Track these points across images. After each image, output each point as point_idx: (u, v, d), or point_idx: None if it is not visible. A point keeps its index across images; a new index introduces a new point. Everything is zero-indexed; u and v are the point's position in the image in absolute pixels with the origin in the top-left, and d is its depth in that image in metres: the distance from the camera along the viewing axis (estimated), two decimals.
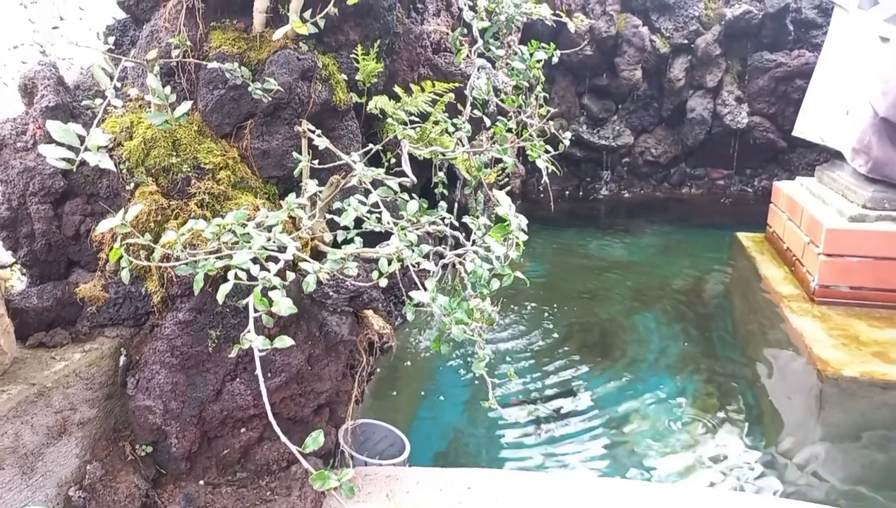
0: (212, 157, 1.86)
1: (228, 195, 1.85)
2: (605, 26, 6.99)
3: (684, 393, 3.41)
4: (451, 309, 1.60)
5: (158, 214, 1.75)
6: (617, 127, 7.68)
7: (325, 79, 2.07)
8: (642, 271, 5.39)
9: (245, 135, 1.97)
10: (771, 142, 7.15)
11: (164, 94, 1.53)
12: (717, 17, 6.94)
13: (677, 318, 4.47)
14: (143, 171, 1.78)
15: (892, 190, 3.97)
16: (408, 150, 2.06)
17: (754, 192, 7.51)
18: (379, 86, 2.50)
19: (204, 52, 1.95)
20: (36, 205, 1.75)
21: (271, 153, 2.01)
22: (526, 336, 4.13)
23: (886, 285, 3.87)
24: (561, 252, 6.01)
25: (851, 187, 4.23)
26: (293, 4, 1.95)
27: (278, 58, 1.93)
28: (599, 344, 4.08)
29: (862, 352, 3.31)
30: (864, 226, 3.92)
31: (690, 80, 7.21)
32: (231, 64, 1.74)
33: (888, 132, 3.89)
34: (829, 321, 3.73)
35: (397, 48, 2.64)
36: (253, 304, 1.30)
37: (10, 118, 1.78)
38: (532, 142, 2.20)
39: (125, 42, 2.25)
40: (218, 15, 2.02)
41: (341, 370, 2.08)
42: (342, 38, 2.21)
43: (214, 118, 1.93)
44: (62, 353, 1.67)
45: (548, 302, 4.67)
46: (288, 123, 2.00)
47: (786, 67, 6.77)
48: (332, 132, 2.19)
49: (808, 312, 3.87)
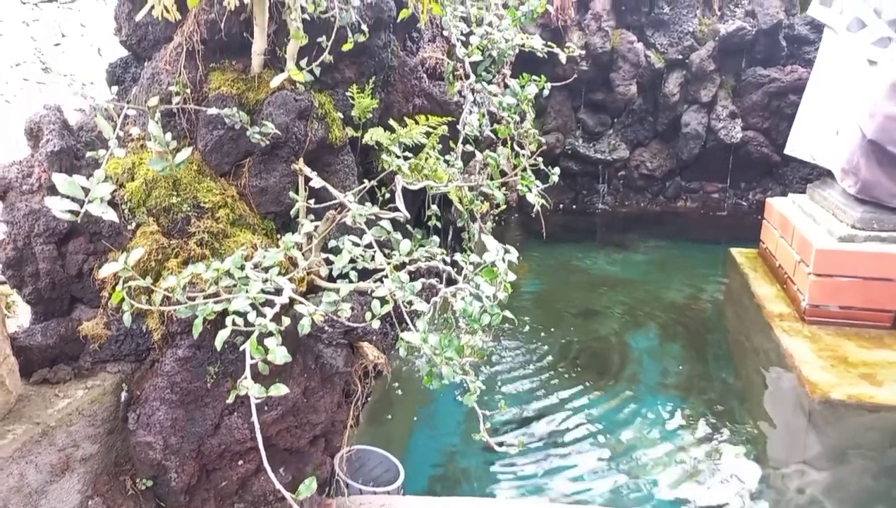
0: (211, 196, 1.92)
1: (227, 232, 1.91)
2: (600, 42, 7.07)
3: (679, 413, 3.46)
4: (441, 348, 1.65)
5: (159, 253, 1.81)
6: (613, 140, 7.75)
7: (321, 117, 2.13)
8: (638, 287, 5.44)
9: (243, 173, 2.03)
10: (765, 156, 7.22)
11: (164, 141, 1.59)
12: (711, 33, 7.03)
13: (672, 337, 4.52)
14: (144, 211, 1.84)
15: (880, 210, 4.04)
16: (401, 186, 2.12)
17: (748, 206, 7.57)
18: (374, 118, 2.56)
19: (203, 93, 2.01)
20: (41, 245, 1.80)
21: (269, 190, 2.06)
22: (522, 354, 4.18)
23: (875, 305, 3.93)
24: (558, 267, 6.06)
25: (841, 207, 4.29)
26: (290, 48, 2.01)
27: (276, 99, 1.99)
28: (595, 363, 4.13)
29: (850, 374, 3.37)
30: (854, 246, 3.98)
31: (685, 95, 7.29)
32: (230, 109, 1.80)
33: (876, 154, 3.96)
34: (819, 341, 3.79)
35: (392, 80, 2.70)
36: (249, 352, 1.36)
37: (16, 161, 1.83)
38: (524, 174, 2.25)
39: (127, 78, 2.30)
40: (217, 56, 2.07)
41: (336, 401, 2.13)
42: (338, 75, 2.27)
43: (214, 157, 1.99)
44: (65, 390, 1.72)
45: (544, 319, 4.72)
46: (285, 161, 2.06)
47: (779, 83, 6.85)
48: (329, 167, 2.25)
49: (798, 332, 3.93)
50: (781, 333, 3.94)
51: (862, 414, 3.12)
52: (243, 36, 2.03)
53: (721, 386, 3.79)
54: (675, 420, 3.43)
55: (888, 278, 3.89)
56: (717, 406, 3.53)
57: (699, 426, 3.34)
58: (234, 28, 2.02)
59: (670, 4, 7.00)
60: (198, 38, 2.02)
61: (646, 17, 7.12)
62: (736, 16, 7.00)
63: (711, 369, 4.06)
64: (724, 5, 7.10)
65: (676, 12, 7.07)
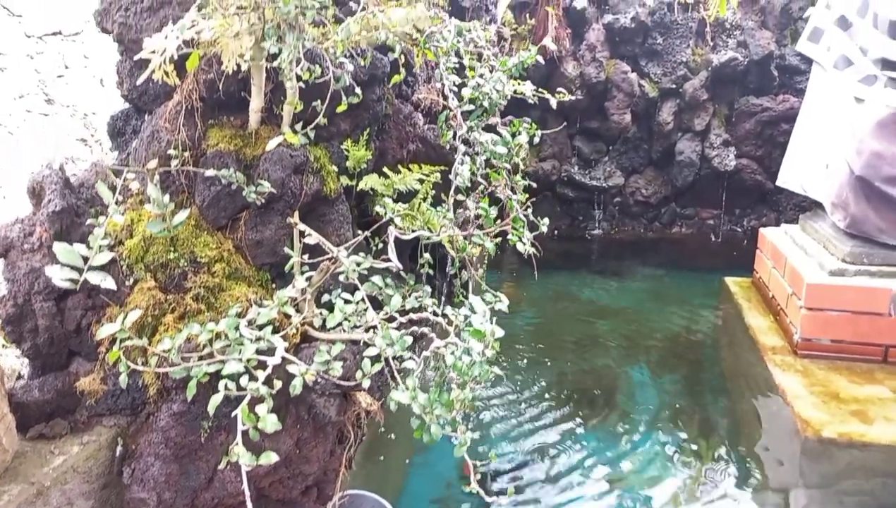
0: (207, 251, 1.97)
1: (223, 286, 1.95)
2: (594, 72, 7.17)
3: (674, 449, 3.49)
4: (431, 405, 1.69)
5: (156, 308, 1.85)
6: (608, 168, 7.83)
7: (316, 171, 2.18)
8: (633, 318, 5.47)
9: (240, 226, 2.08)
10: (758, 183, 7.29)
11: (163, 204, 1.64)
12: (704, 63, 7.14)
13: (668, 369, 4.55)
14: (142, 268, 1.89)
15: (869, 245, 4.09)
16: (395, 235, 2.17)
17: (743, 232, 7.63)
18: (369, 165, 2.62)
19: (202, 150, 2.07)
20: (40, 302, 1.85)
21: (264, 242, 2.11)
22: (517, 388, 4.20)
23: (865, 339, 3.96)
24: (554, 296, 6.10)
25: (832, 240, 4.34)
26: (286, 107, 2.08)
27: (272, 155, 2.05)
28: (590, 396, 4.15)
29: (841, 411, 3.39)
30: (844, 280, 4.02)
31: (679, 124, 7.38)
32: (227, 170, 1.86)
33: (864, 190, 4.02)
34: (811, 376, 3.82)
35: (387, 128, 2.76)
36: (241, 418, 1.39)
37: (18, 219, 1.88)
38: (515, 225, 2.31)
39: (128, 131, 2.37)
40: (216, 112, 2.14)
41: (329, 449, 2.16)
42: (333, 129, 2.33)
43: (211, 212, 2.04)
44: (61, 446, 1.75)
45: (539, 351, 4.75)
46: (281, 214, 2.11)
47: (771, 112, 6.95)
48: (324, 217, 2.30)
49: (790, 366, 3.96)
50: (774, 367, 3.97)
51: (853, 453, 3.14)
52: (241, 94, 2.09)
53: (717, 421, 3.82)
54: (671, 454, 3.46)
55: (878, 312, 3.93)
56: (712, 441, 3.56)
57: (694, 462, 3.37)
58: (233, 87, 2.08)
59: (663, 35, 7.11)
60: (197, 95, 2.08)
61: (639, 47, 7.23)
62: (728, 46, 7.11)
63: (708, 403, 4.08)
64: (717, 36, 7.22)
65: (669, 43, 7.17)
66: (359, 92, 1.97)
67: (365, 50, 2.21)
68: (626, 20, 6.97)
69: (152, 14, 2.09)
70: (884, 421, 3.30)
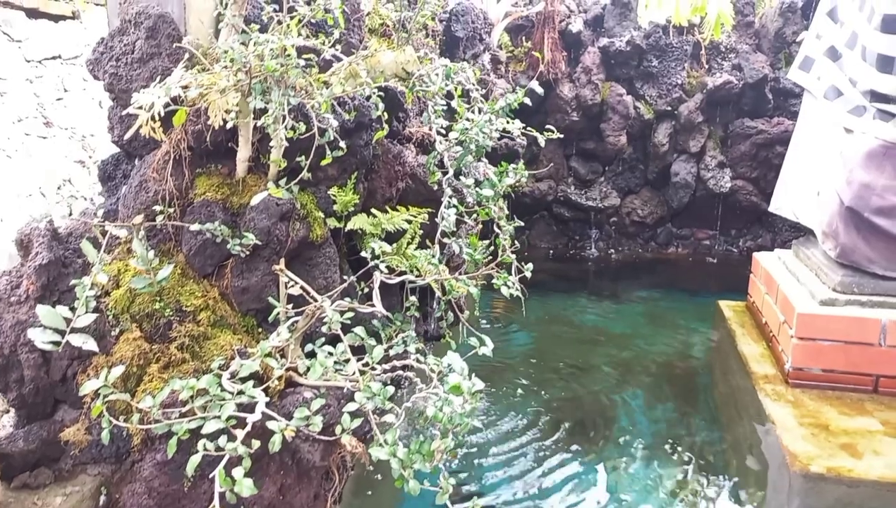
0: (193, 299, 2.00)
1: (208, 335, 1.98)
2: (590, 94, 7.23)
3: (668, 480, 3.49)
4: (409, 460, 1.71)
5: (141, 358, 1.88)
6: (604, 188, 7.88)
7: (303, 217, 2.22)
8: (629, 343, 5.47)
9: (226, 273, 2.11)
10: (754, 204, 7.33)
11: (147, 260, 1.67)
12: (700, 86, 7.19)
13: (662, 398, 4.55)
14: (128, 318, 1.92)
15: (860, 275, 4.10)
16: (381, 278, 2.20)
17: (739, 253, 7.66)
18: (357, 206, 2.66)
19: (189, 199, 2.10)
20: (26, 354, 1.88)
21: (250, 289, 2.14)
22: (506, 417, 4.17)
23: (856, 369, 3.97)
24: (549, 320, 6.09)
25: (823, 268, 4.36)
26: (273, 156, 2.11)
27: (258, 204, 2.08)
28: (583, 425, 4.14)
29: (830, 444, 3.40)
30: (834, 310, 4.03)
31: (674, 145, 7.43)
32: (212, 224, 1.89)
33: (854, 220, 4.04)
34: (802, 407, 3.82)
35: (376, 168, 2.80)
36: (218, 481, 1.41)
37: (5, 272, 1.91)
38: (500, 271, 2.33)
39: (118, 175, 2.40)
40: (204, 161, 2.17)
41: (314, 493, 2.18)
42: (321, 174, 2.36)
43: (197, 260, 2.07)
44: (44, 497, 1.77)
45: (532, 378, 4.75)
46: (267, 261, 2.14)
47: (766, 134, 6.99)
48: (310, 261, 2.33)
49: (781, 396, 3.97)
50: (765, 397, 3.97)
51: (841, 488, 3.14)
52: (228, 144, 2.13)
53: (710, 452, 3.82)
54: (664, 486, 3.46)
55: (868, 342, 3.94)
56: (705, 473, 3.56)
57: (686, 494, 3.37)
58: (220, 137, 2.12)
59: (658, 58, 7.17)
60: (185, 145, 2.11)
61: (635, 70, 7.29)
62: (723, 69, 7.17)
63: (701, 433, 4.08)
64: (712, 59, 7.28)
65: (665, 65, 7.23)
66: (343, 145, 2.00)
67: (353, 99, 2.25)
68: (622, 43, 7.04)
69: (142, 65, 2.13)
70: (872, 455, 3.30)
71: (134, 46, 2.13)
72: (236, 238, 1.93)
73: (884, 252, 4.02)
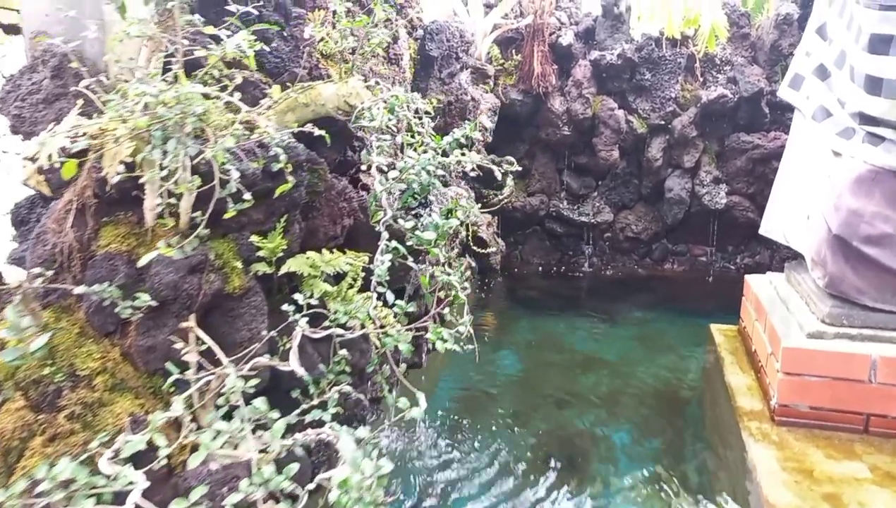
0: (90, 362, 1.85)
1: (104, 401, 1.83)
2: (581, 108, 7.05)
3: None
4: None
5: (24, 430, 1.73)
6: (597, 203, 7.68)
7: (218, 268, 2.07)
8: (619, 370, 5.27)
9: (130, 331, 1.97)
10: (751, 220, 7.09)
11: (20, 329, 1.53)
12: (694, 99, 6.98)
13: (650, 432, 4.35)
14: (11, 386, 1.78)
15: (849, 306, 3.89)
16: (304, 334, 2.04)
17: (737, 270, 7.43)
18: (295, 247, 2.50)
19: (91, 252, 1.96)
20: None
21: (157, 347, 1.99)
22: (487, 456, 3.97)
23: (845, 406, 3.75)
24: (539, 343, 5.89)
25: (813, 297, 4.15)
26: (183, 204, 1.96)
27: (163, 257, 1.93)
28: (569, 462, 3.95)
29: (813, 494, 3.19)
30: (822, 344, 3.82)
31: (668, 160, 7.22)
32: (100, 285, 1.74)
33: (842, 249, 3.83)
34: (786, 448, 3.61)
35: (318, 205, 2.65)
36: None
37: None
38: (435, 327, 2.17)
39: (32, 219, 2.27)
40: (112, 208, 2.03)
41: None
42: (244, 218, 2.21)
43: (97, 318, 1.93)
44: None
45: (517, 408, 4.56)
46: (176, 316, 1.99)
47: (762, 149, 6.78)
48: (232, 312, 2.18)
49: (766, 436, 3.75)
50: (748, 437, 3.77)
51: None
52: (133, 193, 1.98)
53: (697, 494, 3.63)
54: None
55: (858, 379, 3.72)
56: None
57: None
58: (127, 183, 1.97)
59: (651, 71, 6.98)
60: (90, 192, 1.97)
61: (627, 83, 7.10)
62: (718, 82, 6.96)
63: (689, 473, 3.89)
64: (707, 71, 7.07)
65: (658, 78, 7.04)
66: (248, 197, 1.85)
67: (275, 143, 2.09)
68: (613, 56, 6.85)
69: (48, 106, 2.00)
70: None
71: (41, 85, 2.00)
72: (129, 299, 1.78)
73: (874, 282, 3.80)
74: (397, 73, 3.67)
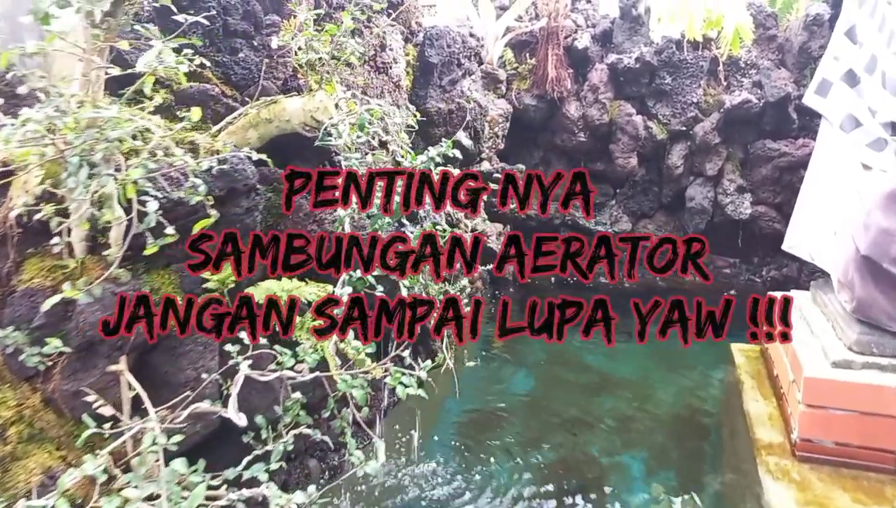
0: (3, 410, 1.69)
1: (17, 454, 1.66)
2: (597, 114, 6.77)
3: None
4: None
5: None
6: (615, 212, 7.38)
7: (154, 304, 1.88)
8: (636, 393, 4.97)
9: (54, 374, 1.79)
10: (777, 232, 6.71)
11: None
12: (717, 104, 6.65)
13: (665, 462, 4.06)
14: None
15: (879, 333, 3.55)
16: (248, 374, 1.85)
17: (763, 283, 7.05)
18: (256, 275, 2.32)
19: (12, 287, 1.79)
20: None
21: (85, 392, 1.81)
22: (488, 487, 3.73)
23: (875, 444, 3.41)
24: (550, 361, 5.61)
25: (839, 321, 3.81)
26: (113, 234, 1.79)
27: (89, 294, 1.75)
28: (579, 494, 3.70)
29: None
30: (849, 374, 3.49)
31: (690, 167, 6.89)
32: (3, 331, 1.57)
33: (871, 271, 3.49)
34: (807, 490, 3.29)
35: (282, 228, 2.46)
36: None
37: None
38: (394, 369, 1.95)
39: None
40: (38, 238, 1.86)
41: None
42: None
43: (15, 361, 1.76)
44: None
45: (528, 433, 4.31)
46: (107, 358, 1.82)
47: (790, 157, 6.41)
48: (174, 350, 2.00)
49: (785, 474, 3.44)
50: (765, 474, 3.46)
51: None
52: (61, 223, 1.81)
53: None
54: None
55: (889, 414, 3.38)
56: None
57: None
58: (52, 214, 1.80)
59: (672, 75, 6.66)
60: (15, 222, 1.81)
61: (646, 87, 6.80)
62: (743, 86, 6.61)
63: None
64: (731, 75, 6.72)
65: (679, 82, 6.71)
66: (171, 231, 1.65)
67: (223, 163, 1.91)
68: (631, 60, 6.56)
69: None
70: None
71: None
72: (36, 345, 1.61)
73: None
74: (386, 82, 3.47)
